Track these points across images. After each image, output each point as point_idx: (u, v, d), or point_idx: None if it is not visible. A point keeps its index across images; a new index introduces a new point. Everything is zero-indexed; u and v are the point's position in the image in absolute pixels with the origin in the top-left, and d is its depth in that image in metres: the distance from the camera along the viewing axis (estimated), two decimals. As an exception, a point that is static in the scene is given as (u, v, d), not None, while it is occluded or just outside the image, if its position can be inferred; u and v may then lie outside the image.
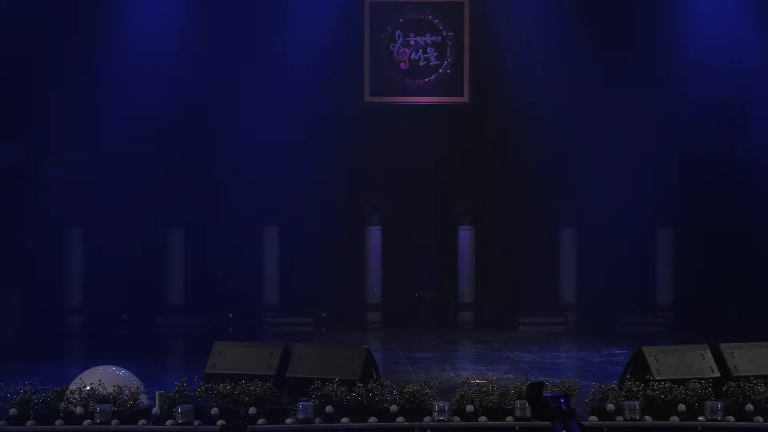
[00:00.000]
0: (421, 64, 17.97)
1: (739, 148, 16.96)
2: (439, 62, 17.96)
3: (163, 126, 17.11)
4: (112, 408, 9.76)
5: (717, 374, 10.34)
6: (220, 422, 9.69)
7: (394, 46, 18.00)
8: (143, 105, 16.86)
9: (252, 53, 17.40)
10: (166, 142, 17.18)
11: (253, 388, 9.87)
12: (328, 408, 9.77)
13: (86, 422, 9.73)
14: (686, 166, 17.09)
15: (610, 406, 9.83)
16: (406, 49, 17.97)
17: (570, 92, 17.52)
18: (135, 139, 16.97)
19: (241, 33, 17.32)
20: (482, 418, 9.80)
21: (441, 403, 9.80)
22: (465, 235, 17.90)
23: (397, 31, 17.99)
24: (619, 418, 9.78)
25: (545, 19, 17.64)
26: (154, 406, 9.86)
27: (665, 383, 9.96)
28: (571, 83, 17.54)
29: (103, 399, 9.81)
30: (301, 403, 9.78)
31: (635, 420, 9.75)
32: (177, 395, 9.87)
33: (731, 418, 9.81)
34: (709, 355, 10.50)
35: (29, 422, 9.77)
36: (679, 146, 17.15)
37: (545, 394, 6.29)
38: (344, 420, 9.75)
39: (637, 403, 9.79)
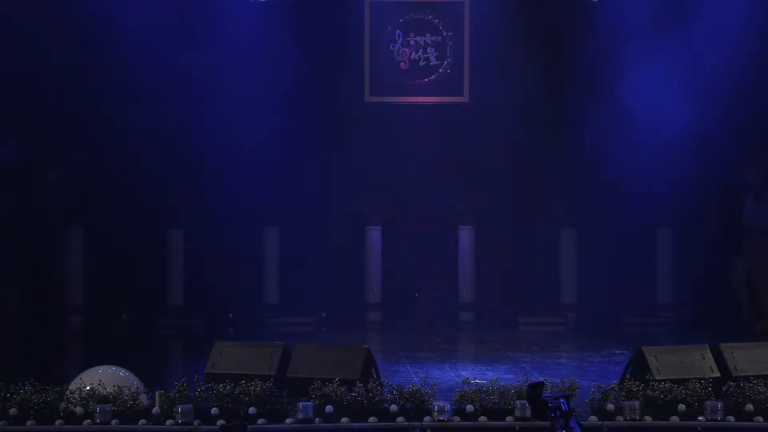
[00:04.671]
0: (421, 64, 17.97)
1: (740, 147, 17.02)
2: (439, 62, 17.96)
3: (163, 126, 17.12)
4: (112, 408, 9.76)
5: (717, 374, 10.35)
6: (220, 422, 9.70)
7: (394, 46, 18.00)
8: (143, 105, 16.87)
9: (251, 53, 17.41)
10: (166, 142, 17.18)
11: (253, 388, 9.87)
12: (328, 408, 9.77)
13: (86, 422, 9.74)
14: (687, 166, 17.06)
15: (610, 406, 9.84)
16: (406, 49, 17.97)
17: (570, 91, 17.57)
18: (135, 139, 16.98)
19: (240, 34, 17.32)
20: (482, 418, 9.80)
21: (441, 403, 9.81)
22: (465, 235, 17.89)
23: (397, 31, 17.99)
24: (619, 418, 9.79)
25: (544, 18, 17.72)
26: (154, 406, 9.87)
27: (665, 383, 9.97)
28: (571, 82, 17.58)
29: (103, 399, 9.82)
30: (301, 403, 9.79)
31: (635, 420, 9.76)
32: (177, 395, 9.87)
33: (731, 418, 9.82)
34: (709, 355, 10.51)
35: (29, 422, 9.78)
36: (679, 145, 17.13)
37: (545, 394, 6.29)
38: (344, 420, 9.76)
39: (637, 403, 9.79)
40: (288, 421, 9.76)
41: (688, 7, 16.87)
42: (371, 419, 9.77)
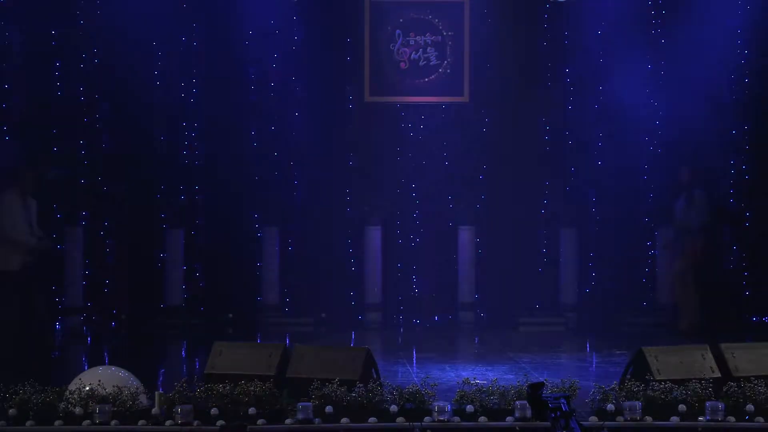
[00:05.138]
0: (421, 63, 17.97)
1: (740, 146, 17.03)
2: (439, 62, 17.96)
3: (162, 126, 17.13)
4: (112, 408, 9.75)
5: (717, 374, 10.33)
6: (219, 422, 9.70)
7: (394, 46, 17.99)
8: (143, 104, 16.88)
9: (252, 53, 17.41)
10: (165, 142, 17.19)
11: (252, 388, 9.86)
12: (328, 408, 9.76)
13: (86, 422, 9.73)
14: (687, 165, 17.05)
15: (611, 407, 9.83)
16: (406, 49, 17.96)
17: (570, 91, 17.57)
18: (135, 138, 16.98)
19: (239, 33, 17.32)
20: (482, 419, 9.79)
21: (441, 403, 9.80)
22: (465, 235, 17.89)
23: (397, 31, 17.98)
24: (620, 419, 9.78)
25: (545, 17, 17.73)
26: (154, 406, 9.86)
27: (666, 383, 9.95)
28: (572, 82, 17.59)
29: (103, 399, 9.80)
30: (301, 404, 9.78)
31: (636, 420, 9.75)
32: (177, 396, 9.87)
33: (732, 419, 9.81)
34: (709, 355, 10.49)
35: (29, 422, 9.77)
36: (680, 145, 17.14)
37: (545, 395, 6.29)
38: (344, 420, 9.75)
39: (637, 404, 9.78)
40: (288, 421, 9.75)
41: (689, 5, 16.87)
42: (371, 420, 9.77)
